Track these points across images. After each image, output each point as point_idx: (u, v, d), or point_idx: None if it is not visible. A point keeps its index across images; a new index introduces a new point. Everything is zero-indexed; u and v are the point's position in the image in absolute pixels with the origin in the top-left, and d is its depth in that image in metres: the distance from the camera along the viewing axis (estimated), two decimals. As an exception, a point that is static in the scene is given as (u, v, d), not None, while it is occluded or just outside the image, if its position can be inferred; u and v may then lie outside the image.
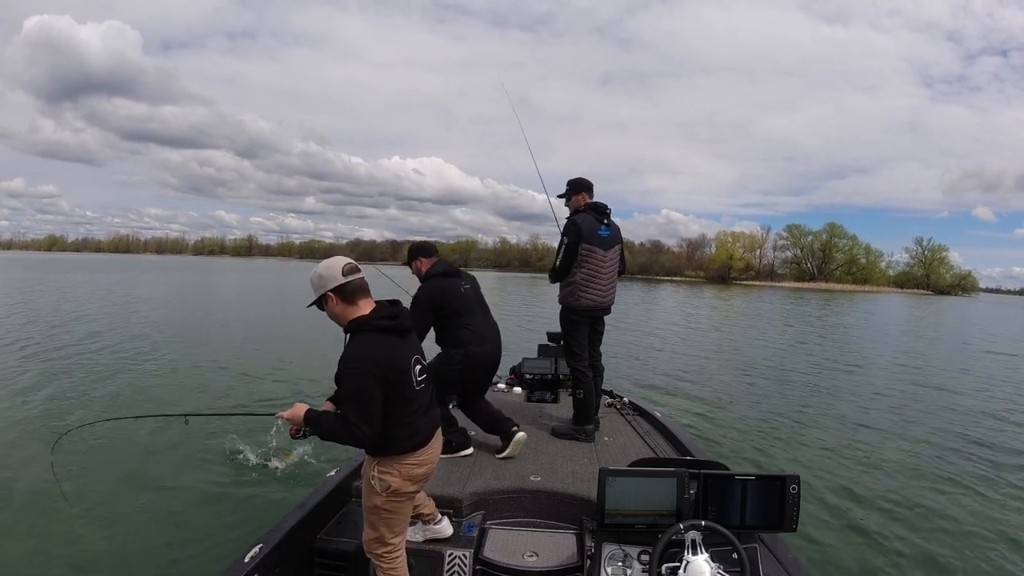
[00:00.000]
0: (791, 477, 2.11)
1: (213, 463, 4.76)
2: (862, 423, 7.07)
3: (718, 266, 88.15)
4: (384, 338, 1.95)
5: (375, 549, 2.11)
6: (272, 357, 9.42)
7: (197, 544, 3.45)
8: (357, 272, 2.01)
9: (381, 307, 2.04)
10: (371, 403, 1.87)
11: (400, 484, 2.02)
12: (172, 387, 7.32)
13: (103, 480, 4.35)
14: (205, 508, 3.93)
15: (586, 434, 3.57)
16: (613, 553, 2.12)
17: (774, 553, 2.30)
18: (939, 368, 12.23)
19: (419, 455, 2.05)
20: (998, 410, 8.21)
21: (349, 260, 2.03)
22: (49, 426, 5.53)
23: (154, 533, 3.58)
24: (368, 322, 1.96)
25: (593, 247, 3.55)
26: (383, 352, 1.92)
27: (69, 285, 24.93)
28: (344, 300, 1.97)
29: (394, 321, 1.99)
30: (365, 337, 1.94)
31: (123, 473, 4.49)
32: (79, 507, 3.88)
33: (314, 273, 2.00)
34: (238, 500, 4.07)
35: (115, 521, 3.71)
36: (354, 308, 1.98)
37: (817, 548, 3.72)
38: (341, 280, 1.96)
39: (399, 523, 2.09)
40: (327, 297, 1.97)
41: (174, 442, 5.19)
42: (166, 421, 5.84)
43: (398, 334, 2.00)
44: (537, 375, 4.79)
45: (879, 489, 4.83)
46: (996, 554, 3.78)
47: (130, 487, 4.24)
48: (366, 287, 2.03)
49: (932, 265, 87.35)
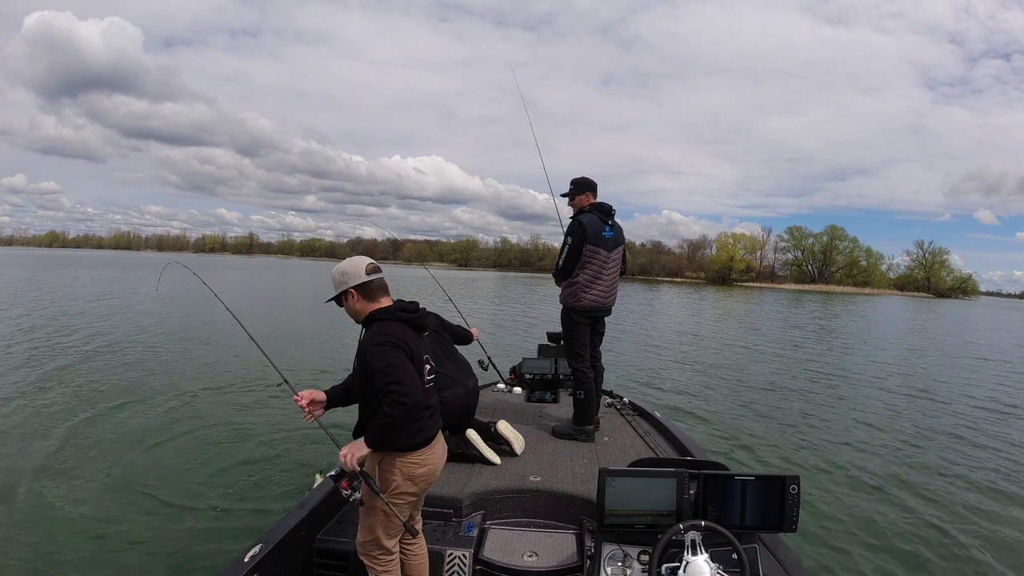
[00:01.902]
0: (791, 477, 2.11)
1: (213, 463, 4.75)
2: (862, 424, 7.07)
3: (719, 267, 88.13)
4: (401, 327, 2.03)
5: (369, 551, 2.11)
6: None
7: (197, 544, 3.45)
8: (379, 272, 2.11)
9: (400, 302, 2.12)
10: (405, 368, 1.90)
11: (401, 483, 2.02)
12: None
13: (103, 479, 4.35)
14: (205, 508, 3.93)
15: (586, 434, 3.57)
16: (613, 553, 2.12)
17: (774, 553, 2.29)
18: (938, 370, 12.23)
19: (422, 454, 2.05)
20: (998, 411, 8.21)
21: (372, 260, 2.11)
22: (49, 425, 5.54)
23: (154, 533, 3.58)
24: (388, 311, 2.05)
25: (597, 248, 3.54)
26: (400, 334, 1.99)
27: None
28: (365, 297, 2.07)
29: (412, 315, 2.07)
30: (384, 324, 2.02)
31: (123, 473, 4.48)
32: (79, 506, 3.88)
33: (337, 270, 2.08)
34: (238, 500, 4.07)
35: (115, 520, 3.71)
36: (374, 304, 2.07)
37: (817, 548, 3.72)
38: (364, 278, 2.05)
39: (395, 526, 2.08)
40: (348, 293, 2.06)
41: (175, 441, 5.20)
42: (167, 422, 5.87)
43: (415, 328, 2.08)
44: (537, 375, 4.79)
45: (879, 490, 4.83)
46: (996, 554, 3.78)
47: (130, 486, 4.24)
48: (386, 287, 2.12)
49: (933, 268, 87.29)
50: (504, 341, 12.76)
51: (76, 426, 5.47)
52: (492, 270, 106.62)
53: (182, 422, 5.77)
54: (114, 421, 5.71)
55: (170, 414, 6.04)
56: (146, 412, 6.07)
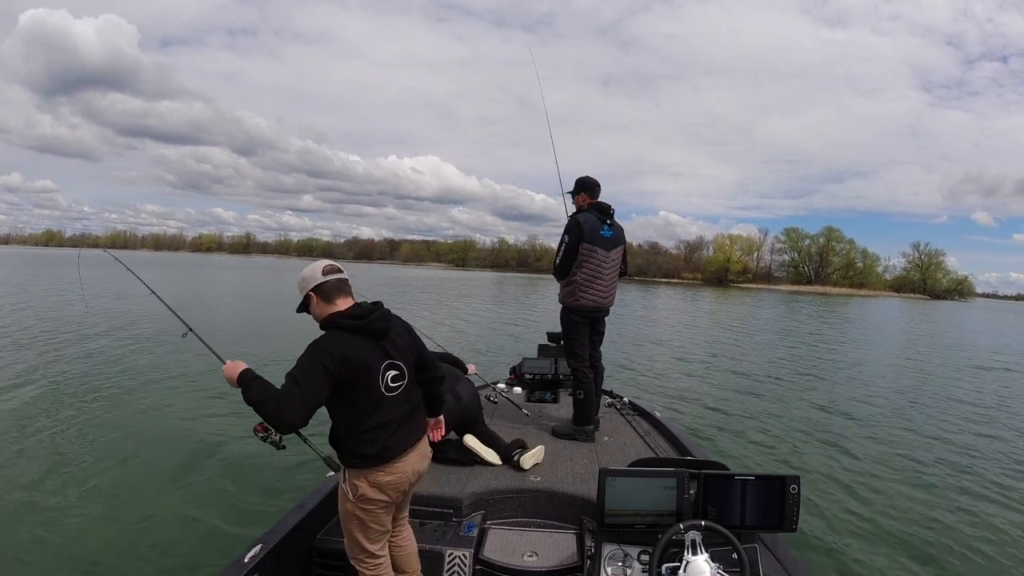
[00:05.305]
0: (791, 477, 2.11)
1: (214, 462, 4.74)
2: (862, 424, 7.09)
3: (716, 268, 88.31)
4: (347, 336, 1.93)
5: (356, 555, 2.10)
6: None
7: (197, 544, 3.43)
8: (337, 272, 2.04)
9: (356, 306, 2.03)
10: (308, 386, 1.79)
11: (367, 490, 1.98)
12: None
13: (103, 478, 4.32)
14: (205, 508, 3.91)
15: (586, 434, 3.57)
16: (613, 553, 2.12)
17: (774, 553, 2.30)
18: (937, 371, 12.27)
19: (388, 465, 2.00)
20: (998, 413, 8.24)
21: (331, 262, 2.06)
22: (49, 424, 5.51)
23: (154, 532, 3.56)
24: (333, 319, 1.97)
25: (594, 247, 3.54)
26: (340, 348, 1.88)
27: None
28: (323, 299, 2.00)
29: (360, 321, 1.96)
30: (329, 333, 1.95)
31: (123, 472, 4.46)
32: (78, 505, 3.87)
33: (300, 277, 2.04)
34: (238, 500, 4.06)
35: (115, 520, 3.69)
36: (331, 307, 2.00)
37: (817, 548, 3.72)
38: (320, 279, 2.00)
39: (374, 531, 2.05)
40: (309, 297, 2.01)
41: (174, 441, 5.18)
42: (167, 421, 5.85)
43: (365, 335, 1.96)
44: (537, 375, 4.79)
45: (879, 490, 4.84)
46: (996, 554, 3.79)
47: (130, 486, 4.22)
48: (345, 287, 2.04)
49: (929, 270, 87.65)
50: (503, 341, 12.77)
51: (66, 429, 5.44)
52: (489, 270, 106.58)
53: (181, 422, 5.75)
54: (108, 419, 5.68)
55: (169, 414, 6.02)
56: (145, 412, 6.05)
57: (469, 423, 3.19)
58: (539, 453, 3.10)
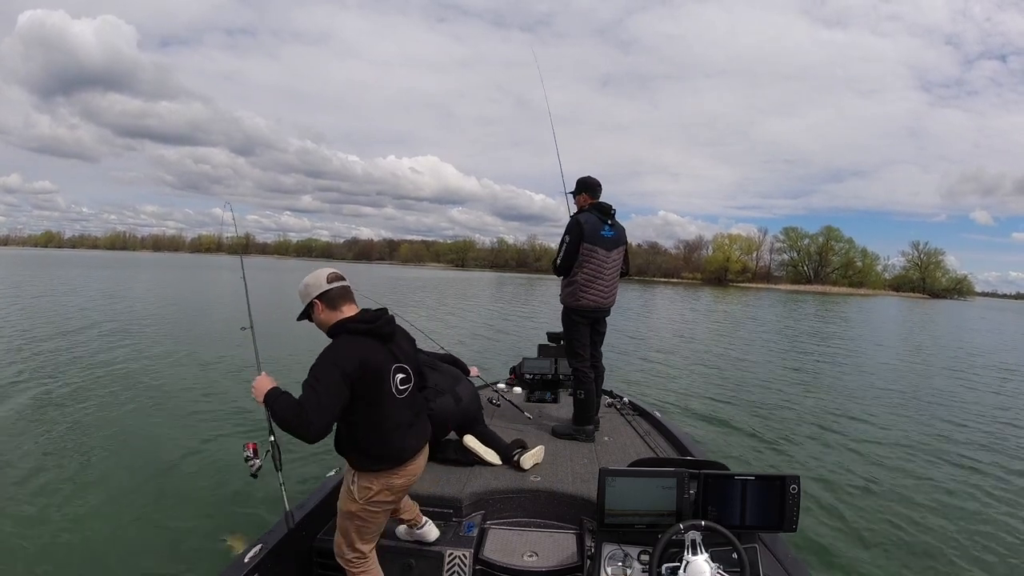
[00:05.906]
0: (791, 477, 2.11)
1: (214, 462, 4.74)
2: (862, 424, 7.10)
3: (715, 268, 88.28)
4: (360, 339, 1.98)
5: (345, 554, 2.11)
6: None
7: (197, 544, 3.44)
8: (341, 280, 2.07)
9: (363, 312, 2.07)
10: (328, 395, 1.82)
11: (378, 492, 2.01)
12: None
13: (103, 478, 4.33)
14: (205, 507, 3.92)
15: (586, 434, 3.57)
16: (613, 553, 2.12)
17: (774, 553, 2.30)
18: (937, 371, 12.28)
19: (403, 467, 2.05)
20: (997, 413, 8.25)
21: (335, 271, 2.10)
22: (48, 423, 5.51)
23: (154, 532, 3.57)
24: (345, 324, 2.00)
25: (595, 247, 3.54)
26: (357, 352, 1.92)
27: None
28: (328, 306, 2.03)
29: (371, 324, 2.01)
30: (342, 338, 1.98)
31: (123, 472, 4.46)
32: (78, 505, 3.87)
33: (301, 284, 2.07)
34: (238, 500, 4.05)
35: (115, 520, 3.69)
36: (337, 313, 2.03)
37: (817, 548, 3.73)
38: (326, 287, 2.02)
39: (370, 532, 2.10)
40: (314, 304, 2.03)
41: (175, 441, 5.18)
42: (167, 420, 5.85)
43: (376, 338, 2.01)
44: (537, 375, 4.79)
45: (879, 490, 4.85)
46: (996, 554, 3.80)
47: (130, 486, 4.22)
48: (349, 294, 2.08)
49: (928, 269, 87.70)
50: (503, 341, 12.77)
51: (66, 427, 5.44)
52: (489, 270, 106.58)
53: (180, 422, 5.75)
54: (108, 419, 5.68)
55: (168, 414, 6.02)
56: (143, 411, 6.05)
57: (469, 423, 3.19)
58: (539, 453, 3.10)
